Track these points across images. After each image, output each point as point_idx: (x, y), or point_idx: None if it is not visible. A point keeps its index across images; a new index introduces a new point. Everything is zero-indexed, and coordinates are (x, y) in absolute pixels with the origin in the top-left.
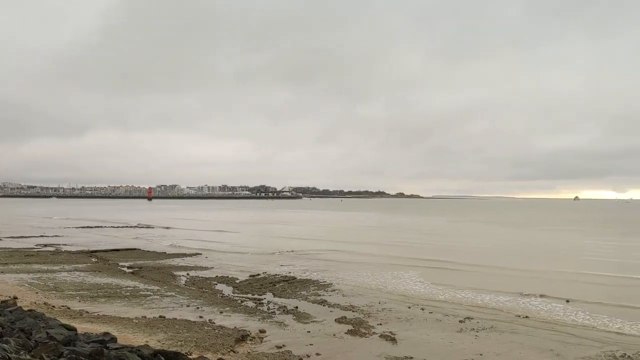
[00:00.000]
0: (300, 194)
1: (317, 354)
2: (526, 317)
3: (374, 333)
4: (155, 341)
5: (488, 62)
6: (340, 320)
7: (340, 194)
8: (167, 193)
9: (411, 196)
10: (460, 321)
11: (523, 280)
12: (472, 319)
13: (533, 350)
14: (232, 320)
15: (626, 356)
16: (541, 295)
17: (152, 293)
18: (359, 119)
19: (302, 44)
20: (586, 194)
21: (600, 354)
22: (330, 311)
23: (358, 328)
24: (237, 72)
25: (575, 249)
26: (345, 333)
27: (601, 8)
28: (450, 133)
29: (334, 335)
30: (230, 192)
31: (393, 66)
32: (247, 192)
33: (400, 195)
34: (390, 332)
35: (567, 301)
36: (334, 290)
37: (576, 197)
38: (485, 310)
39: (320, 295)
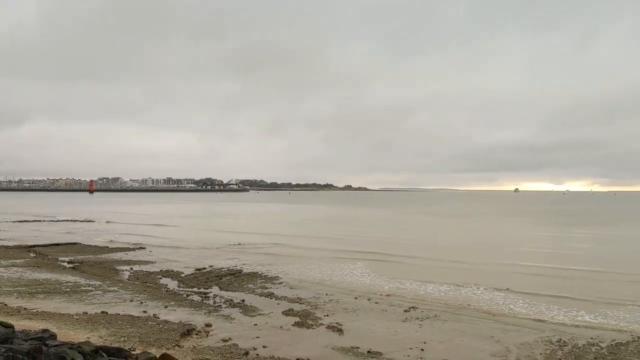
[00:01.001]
0: (248, 187)
1: (264, 347)
2: (468, 305)
3: (321, 324)
4: (97, 337)
5: (432, 58)
6: (288, 313)
7: (288, 186)
8: (109, 186)
9: (359, 189)
10: (405, 311)
11: (465, 271)
12: (416, 308)
13: (474, 337)
14: (177, 315)
15: (562, 341)
16: (482, 285)
17: (93, 288)
18: (307, 111)
19: (249, 37)
20: (526, 186)
21: (538, 340)
22: (278, 304)
23: (305, 320)
24: (183, 63)
25: (514, 239)
26: (293, 325)
27: (540, 6)
28: (396, 127)
29: (281, 327)
30: (176, 185)
31: (340, 60)
32: (192, 185)
33: (348, 188)
34: (337, 323)
35: (507, 289)
36: (281, 283)
37: (516, 189)
38: (429, 301)
39: (267, 288)
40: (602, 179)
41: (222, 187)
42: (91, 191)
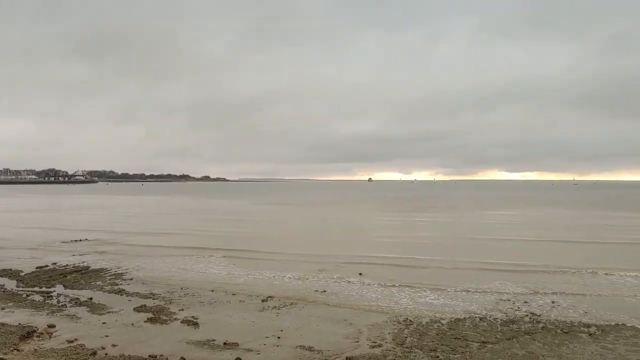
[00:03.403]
0: (96, 178)
1: (114, 345)
2: (324, 291)
3: (175, 319)
4: None
5: (292, 49)
6: (140, 309)
7: (141, 177)
8: None
9: (217, 179)
10: (263, 301)
11: (321, 258)
12: (273, 298)
13: (329, 321)
14: (16, 317)
15: (408, 320)
16: (337, 273)
17: None
18: (163, 98)
19: (97, 18)
20: (379, 175)
21: (387, 320)
22: (129, 300)
23: (158, 315)
24: (23, 45)
25: (367, 227)
26: (145, 321)
27: (396, 6)
28: (256, 116)
29: (132, 324)
30: (14, 177)
31: (198, 47)
32: (33, 177)
33: (206, 178)
34: (192, 316)
35: (360, 274)
36: (133, 278)
37: (370, 178)
38: (286, 290)
39: (117, 284)
40: (444, 169)
41: (67, 179)
42: None
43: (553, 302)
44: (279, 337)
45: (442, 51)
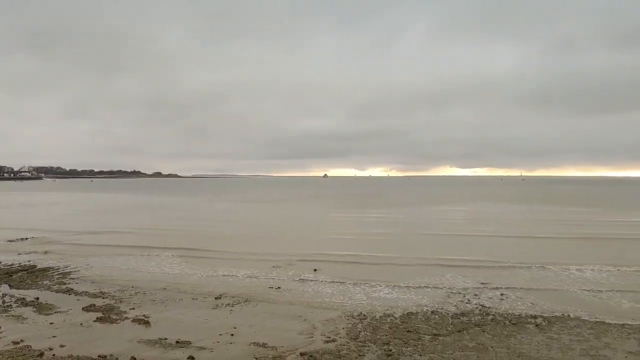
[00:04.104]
0: (42, 175)
1: (61, 346)
2: (278, 288)
3: (126, 318)
4: None
5: (249, 45)
6: (89, 309)
7: (90, 173)
8: None
9: (169, 175)
10: (216, 298)
11: (276, 255)
12: (227, 295)
13: (283, 318)
14: None
15: (362, 314)
16: (292, 270)
17: None
18: (114, 93)
19: (49, 10)
20: (334, 172)
21: (341, 315)
22: (78, 300)
23: (108, 315)
24: None
25: (322, 223)
26: (94, 321)
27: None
28: (210, 112)
29: (81, 324)
30: None
31: (151, 42)
32: None
33: (158, 174)
34: (143, 315)
35: (315, 270)
36: (82, 277)
37: (325, 174)
38: (240, 287)
39: (65, 283)
40: (398, 165)
41: (12, 175)
42: None
43: (502, 294)
44: (232, 335)
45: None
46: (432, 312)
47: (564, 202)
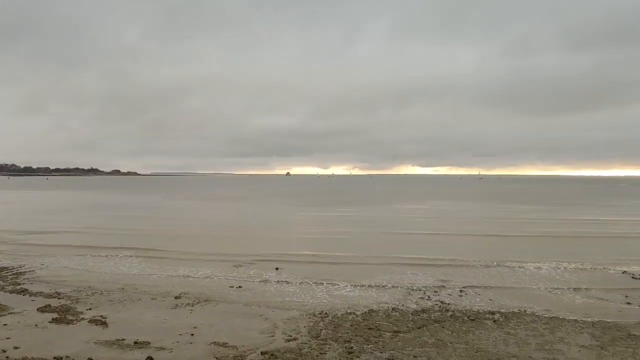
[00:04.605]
0: None
1: (15, 348)
2: (239, 287)
3: (82, 319)
4: None
5: (210, 41)
6: (44, 309)
7: (45, 171)
8: None
9: (128, 173)
10: (176, 297)
11: (237, 254)
12: (187, 295)
13: (244, 317)
14: None
15: (323, 312)
16: (253, 269)
17: None
18: (71, 89)
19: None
20: (296, 170)
21: (303, 314)
22: (32, 300)
23: (64, 315)
24: None
25: (285, 222)
26: (50, 322)
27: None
28: (170, 108)
29: (36, 325)
30: None
31: (110, 36)
32: None
33: (116, 172)
34: (101, 316)
35: (277, 269)
36: (37, 277)
37: (288, 172)
38: (200, 286)
39: (19, 284)
40: (361, 164)
41: None
42: None
43: (461, 291)
44: (192, 335)
45: (358, 47)
46: (393, 309)
47: (519, 201)
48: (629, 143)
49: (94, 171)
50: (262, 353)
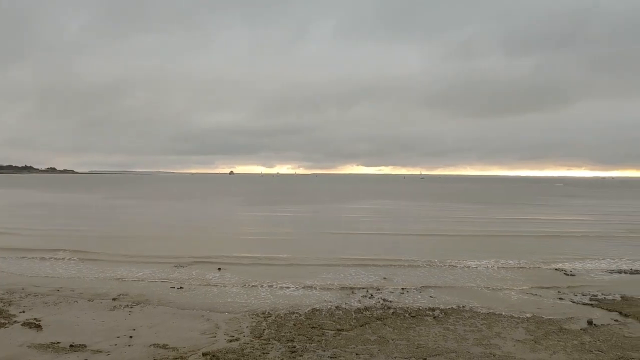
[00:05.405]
0: None
1: None
2: (181, 288)
3: (15, 322)
4: None
5: (155, 38)
6: None
7: None
8: None
9: (64, 171)
10: (114, 299)
11: (178, 255)
12: (126, 295)
13: (185, 318)
14: None
15: (266, 312)
16: (195, 270)
17: None
18: (6, 82)
19: None
20: (240, 168)
21: (245, 314)
22: None
23: None
24: None
25: (227, 222)
26: None
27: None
28: (110, 105)
29: None
30: None
31: (48, 29)
32: None
33: (52, 170)
34: (35, 318)
35: (219, 269)
36: None
37: (231, 171)
38: (139, 287)
39: None
40: (306, 163)
41: None
42: None
43: (403, 289)
44: (131, 337)
45: (305, 46)
46: (336, 307)
47: (458, 200)
48: (562, 145)
49: (28, 169)
50: (203, 354)
